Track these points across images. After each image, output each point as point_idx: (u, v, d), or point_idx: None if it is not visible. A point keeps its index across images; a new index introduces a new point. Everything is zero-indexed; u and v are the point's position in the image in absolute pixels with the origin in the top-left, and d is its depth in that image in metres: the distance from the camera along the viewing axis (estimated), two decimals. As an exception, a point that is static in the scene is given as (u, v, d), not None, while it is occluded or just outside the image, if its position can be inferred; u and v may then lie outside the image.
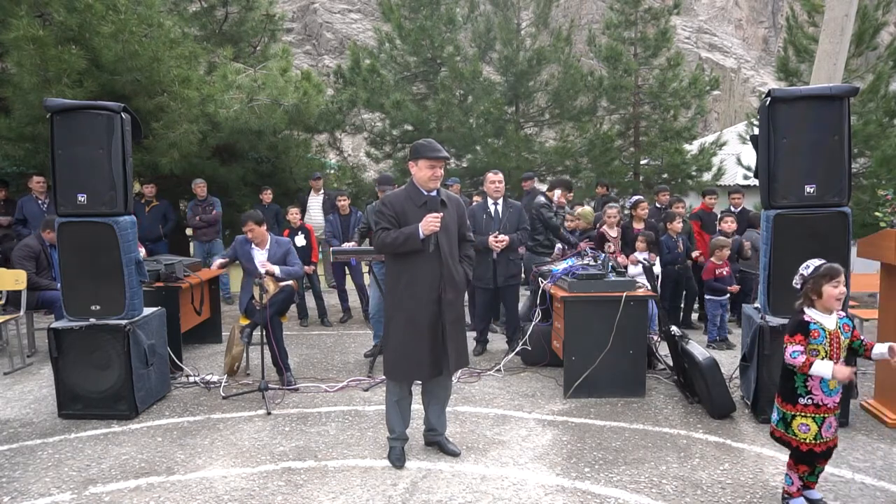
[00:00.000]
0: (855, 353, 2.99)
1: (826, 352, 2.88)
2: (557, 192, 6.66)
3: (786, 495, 3.11)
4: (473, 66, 11.34)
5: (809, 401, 2.91)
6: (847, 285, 4.04)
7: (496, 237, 5.80)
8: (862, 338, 2.98)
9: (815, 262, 2.96)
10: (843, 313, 2.98)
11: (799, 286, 2.99)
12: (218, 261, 5.61)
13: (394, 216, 3.56)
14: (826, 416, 2.92)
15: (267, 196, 8.93)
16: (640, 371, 4.86)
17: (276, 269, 5.22)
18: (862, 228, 8.45)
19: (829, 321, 2.90)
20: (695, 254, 6.94)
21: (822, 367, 2.80)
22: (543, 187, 11.61)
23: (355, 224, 7.38)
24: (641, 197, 7.34)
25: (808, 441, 2.92)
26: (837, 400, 2.94)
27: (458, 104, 11.75)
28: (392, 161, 12.65)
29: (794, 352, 2.85)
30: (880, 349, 2.88)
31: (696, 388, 4.63)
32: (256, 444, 4.02)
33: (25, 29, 6.91)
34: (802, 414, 2.92)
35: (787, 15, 11.63)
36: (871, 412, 4.38)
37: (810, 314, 2.92)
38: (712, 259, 6.47)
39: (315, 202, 8.88)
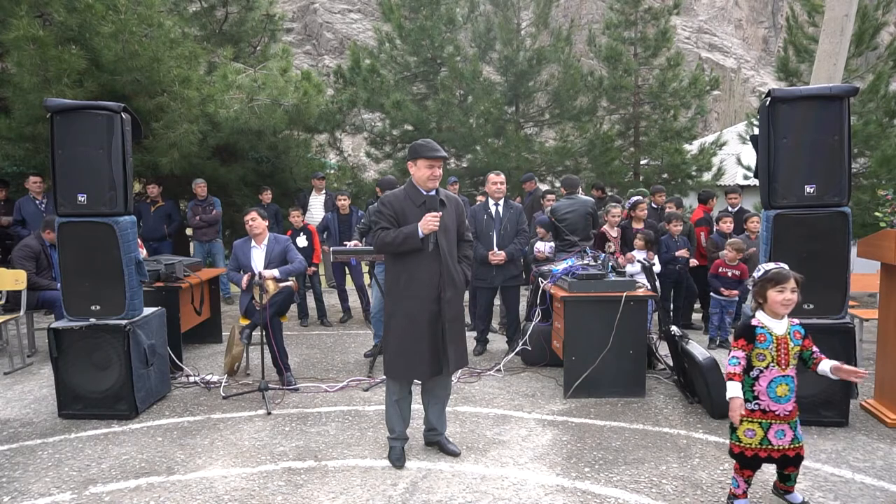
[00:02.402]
0: (805, 363, 2.92)
1: (773, 357, 2.84)
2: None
3: (731, 496, 3.09)
4: (473, 66, 11.34)
5: (756, 406, 2.87)
6: (847, 285, 4.07)
7: (494, 254, 5.96)
8: (814, 349, 2.91)
9: (770, 265, 2.92)
10: (796, 321, 2.93)
11: (750, 288, 2.99)
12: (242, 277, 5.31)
13: (393, 216, 3.56)
14: (773, 422, 2.86)
15: (266, 196, 8.94)
16: (640, 371, 4.86)
17: (276, 272, 5.21)
18: (862, 228, 8.46)
19: (779, 326, 2.86)
20: (680, 252, 6.98)
21: (731, 389, 2.80)
22: (544, 187, 11.64)
23: (356, 223, 7.40)
24: (641, 197, 7.34)
25: (752, 446, 2.88)
26: (789, 408, 2.87)
27: (458, 104, 11.75)
28: (392, 161, 12.65)
29: (732, 358, 2.83)
30: (825, 367, 2.85)
31: (696, 388, 4.63)
32: (256, 444, 4.02)
33: (25, 29, 6.92)
34: (748, 419, 2.88)
35: (787, 15, 11.63)
36: (871, 412, 4.38)
37: (759, 318, 2.89)
38: (726, 258, 6.50)
39: (317, 201, 8.88)
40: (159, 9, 8.08)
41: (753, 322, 2.87)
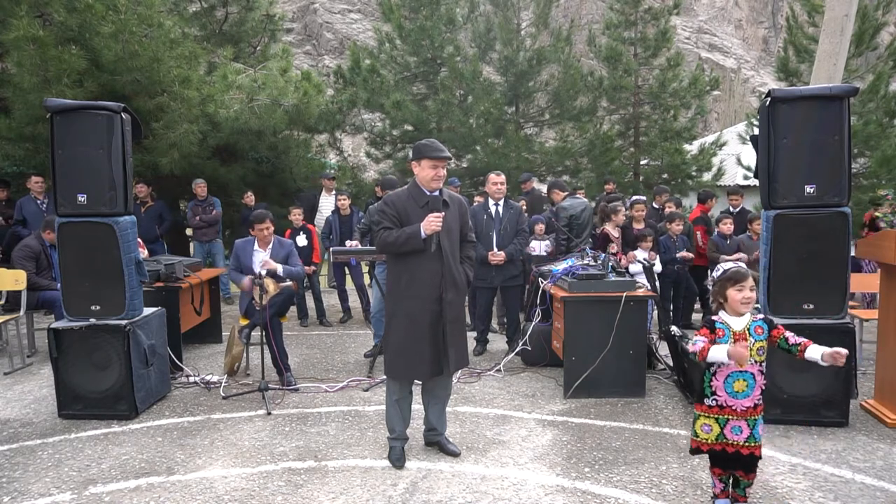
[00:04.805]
0: (789, 352, 2.86)
1: None
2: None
3: (713, 496, 3.12)
4: (473, 66, 11.34)
5: (714, 402, 2.88)
6: (846, 285, 4.07)
7: (494, 254, 5.96)
8: (788, 336, 2.85)
9: (728, 264, 2.96)
10: (759, 316, 2.92)
11: (710, 288, 3.03)
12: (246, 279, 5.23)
13: (396, 216, 3.56)
14: (730, 417, 2.86)
15: (249, 199, 8.95)
16: (640, 371, 4.86)
17: (279, 268, 5.21)
18: (862, 228, 8.45)
19: (738, 323, 2.87)
20: (682, 254, 6.96)
21: (717, 351, 2.77)
22: (543, 188, 11.63)
23: (356, 223, 7.39)
24: (638, 198, 7.34)
25: (709, 441, 2.90)
26: (747, 404, 2.85)
27: (458, 104, 11.75)
28: (392, 161, 12.65)
29: (696, 339, 2.84)
30: (812, 354, 2.76)
31: (696, 387, 4.62)
32: (256, 444, 4.02)
33: (25, 29, 6.92)
34: (706, 414, 2.91)
35: (787, 15, 11.64)
36: (871, 412, 4.38)
37: (721, 315, 2.92)
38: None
39: (328, 202, 8.83)
40: (159, 9, 8.08)
41: (714, 318, 2.93)
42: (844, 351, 2.71)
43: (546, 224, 6.93)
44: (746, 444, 2.88)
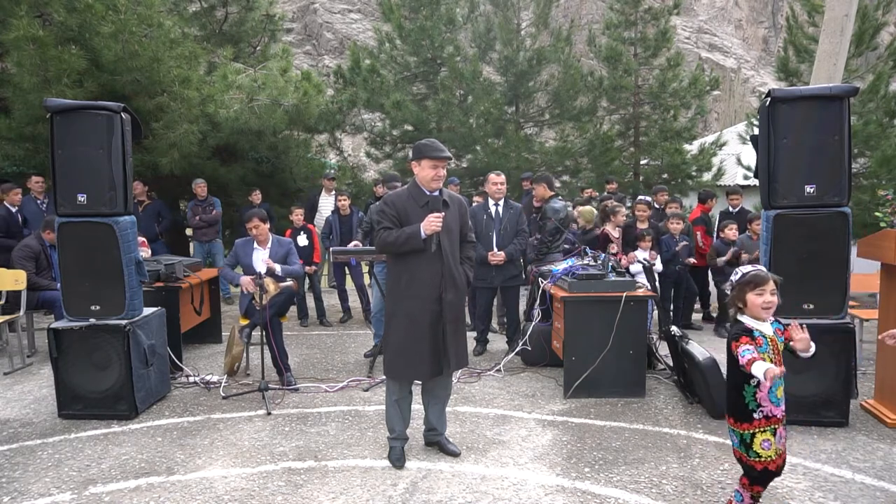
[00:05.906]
0: (791, 353, 2.79)
1: (771, 359, 2.71)
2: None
3: None
4: (473, 66, 11.33)
5: (761, 414, 2.74)
6: (847, 285, 4.07)
7: (493, 254, 5.95)
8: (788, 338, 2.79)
9: (747, 268, 2.82)
10: (772, 318, 2.81)
11: (728, 292, 2.87)
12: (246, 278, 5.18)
13: (396, 216, 3.56)
14: (776, 426, 2.76)
15: (256, 197, 8.95)
16: (640, 371, 4.86)
17: (277, 267, 5.21)
18: (862, 228, 8.45)
19: (766, 327, 2.76)
20: (690, 259, 6.98)
21: (758, 367, 2.55)
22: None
23: (357, 224, 7.39)
24: (641, 198, 7.33)
25: (772, 457, 2.74)
26: (783, 409, 2.78)
27: (458, 104, 11.74)
28: (392, 161, 12.64)
29: (744, 350, 2.63)
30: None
31: (696, 388, 4.63)
32: (256, 444, 4.02)
33: (25, 29, 6.92)
34: (761, 429, 2.74)
35: (787, 15, 11.63)
36: (871, 412, 4.38)
37: (747, 322, 2.76)
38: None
39: (327, 202, 8.83)
40: (159, 9, 8.08)
41: (748, 325, 2.75)
42: (804, 336, 2.69)
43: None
44: (784, 448, 2.80)
